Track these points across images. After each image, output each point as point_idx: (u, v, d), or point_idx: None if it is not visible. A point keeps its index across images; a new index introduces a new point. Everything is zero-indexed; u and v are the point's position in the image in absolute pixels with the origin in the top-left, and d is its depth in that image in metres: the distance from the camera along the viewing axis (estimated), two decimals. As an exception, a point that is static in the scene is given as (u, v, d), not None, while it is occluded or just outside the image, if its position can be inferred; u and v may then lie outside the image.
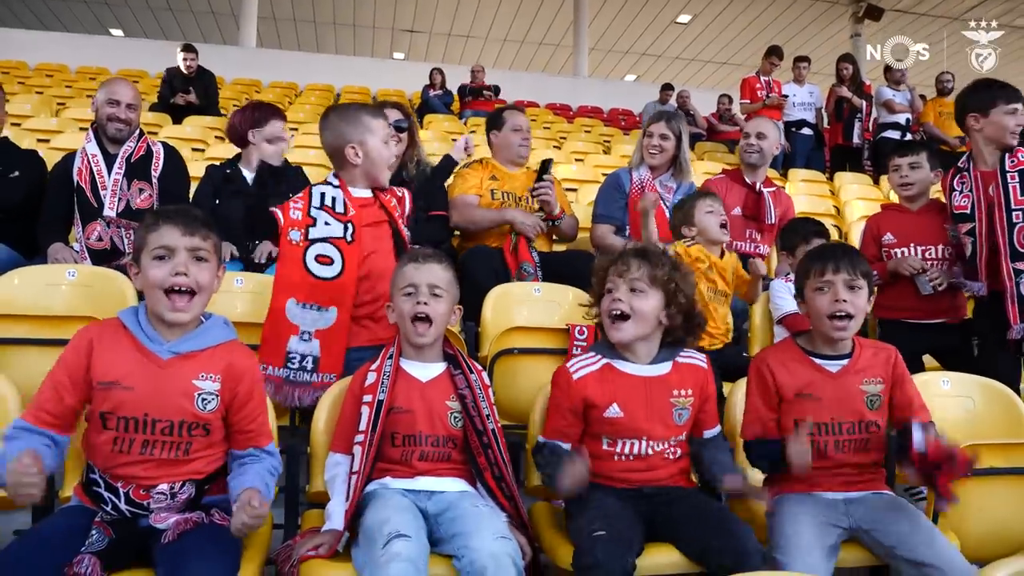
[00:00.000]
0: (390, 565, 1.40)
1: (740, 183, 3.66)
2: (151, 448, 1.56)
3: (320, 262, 2.15)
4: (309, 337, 2.13)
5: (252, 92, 10.15)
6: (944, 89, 7.76)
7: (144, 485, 1.56)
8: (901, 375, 1.91)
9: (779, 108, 7.60)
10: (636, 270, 1.84)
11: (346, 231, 2.19)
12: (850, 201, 6.04)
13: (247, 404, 1.64)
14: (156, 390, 1.55)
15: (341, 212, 2.23)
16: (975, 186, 2.85)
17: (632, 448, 1.83)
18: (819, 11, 14.42)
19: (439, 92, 9.85)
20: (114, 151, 3.12)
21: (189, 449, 1.59)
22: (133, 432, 1.54)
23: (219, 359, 1.61)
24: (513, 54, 16.84)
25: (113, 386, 1.53)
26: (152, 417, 1.54)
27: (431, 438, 1.78)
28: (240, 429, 1.64)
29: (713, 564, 1.57)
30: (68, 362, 1.55)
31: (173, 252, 1.57)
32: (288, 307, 2.13)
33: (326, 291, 2.15)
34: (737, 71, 17.76)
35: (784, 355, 1.94)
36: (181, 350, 1.59)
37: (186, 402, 1.57)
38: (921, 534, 1.68)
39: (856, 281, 1.85)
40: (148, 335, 1.59)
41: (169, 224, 1.58)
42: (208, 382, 1.59)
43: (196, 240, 1.59)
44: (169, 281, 1.55)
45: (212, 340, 1.63)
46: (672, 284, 1.85)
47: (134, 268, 1.62)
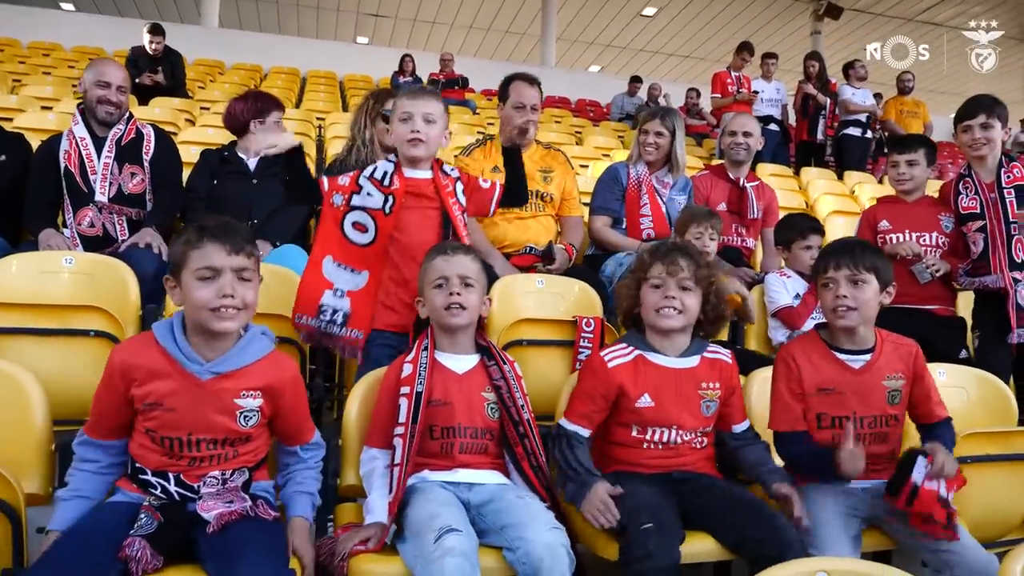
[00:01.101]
0: (444, 560, 1.42)
1: (724, 179, 3.74)
2: (199, 461, 1.58)
3: (356, 229, 2.23)
4: (342, 295, 2.22)
5: (215, 73, 9.91)
6: (905, 88, 8.01)
7: (195, 473, 1.57)
8: (921, 370, 1.97)
9: (749, 104, 7.73)
10: (686, 269, 1.91)
11: (385, 202, 2.23)
12: (820, 197, 6.21)
13: (289, 414, 1.67)
14: (197, 411, 1.55)
15: (387, 185, 2.27)
16: (980, 189, 2.98)
17: (661, 436, 1.88)
18: (781, 8, 14.72)
19: (409, 79, 9.77)
20: (102, 134, 3.03)
21: (236, 455, 1.62)
22: (179, 450, 1.56)
23: (259, 375, 1.61)
24: (479, 41, 16.76)
25: (155, 407, 1.54)
26: (196, 436, 1.55)
27: (469, 429, 1.80)
28: (285, 434, 1.70)
29: (753, 553, 1.62)
30: (106, 386, 1.57)
31: (219, 273, 1.54)
32: (325, 264, 2.23)
33: (359, 256, 2.23)
34: (700, 65, 18.06)
35: (809, 348, 2.00)
36: (221, 370, 1.57)
37: (228, 420, 1.57)
38: None
39: (859, 276, 1.92)
40: (186, 354, 1.56)
41: (214, 243, 1.54)
42: (249, 399, 1.59)
43: (241, 259, 1.56)
44: (216, 303, 1.53)
45: (252, 356, 1.61)
46: (711, 284, 1.94)
47: (171, 283, 1.59)
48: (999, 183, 2.95)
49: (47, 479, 1.70)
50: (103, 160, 2.97)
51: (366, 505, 1.74)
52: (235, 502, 1.53)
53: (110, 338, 2.25)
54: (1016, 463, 2.16)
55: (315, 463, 1.71)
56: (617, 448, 1.91)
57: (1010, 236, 2.90)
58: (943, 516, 1.72)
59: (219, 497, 1.53)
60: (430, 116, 2.23)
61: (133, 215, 2.99)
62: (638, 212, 3.45)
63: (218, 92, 7.90)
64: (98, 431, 1.58)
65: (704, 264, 1.96)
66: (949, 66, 15.86)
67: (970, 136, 3.00)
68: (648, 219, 3.45)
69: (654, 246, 2.02)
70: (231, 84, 8.69)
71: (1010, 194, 2.93)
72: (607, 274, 3.19)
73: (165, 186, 3.09)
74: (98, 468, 1.57)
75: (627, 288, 2.02)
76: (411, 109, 2.23)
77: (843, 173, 7.50)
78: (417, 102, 2.24)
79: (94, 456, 1.58)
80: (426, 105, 2.24)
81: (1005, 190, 2.94)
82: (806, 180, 6.92)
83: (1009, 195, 2.93)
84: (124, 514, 1.48)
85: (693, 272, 1.92)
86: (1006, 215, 2.92)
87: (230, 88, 8.33)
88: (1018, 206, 2.92)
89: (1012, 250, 2.90)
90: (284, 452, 1.73)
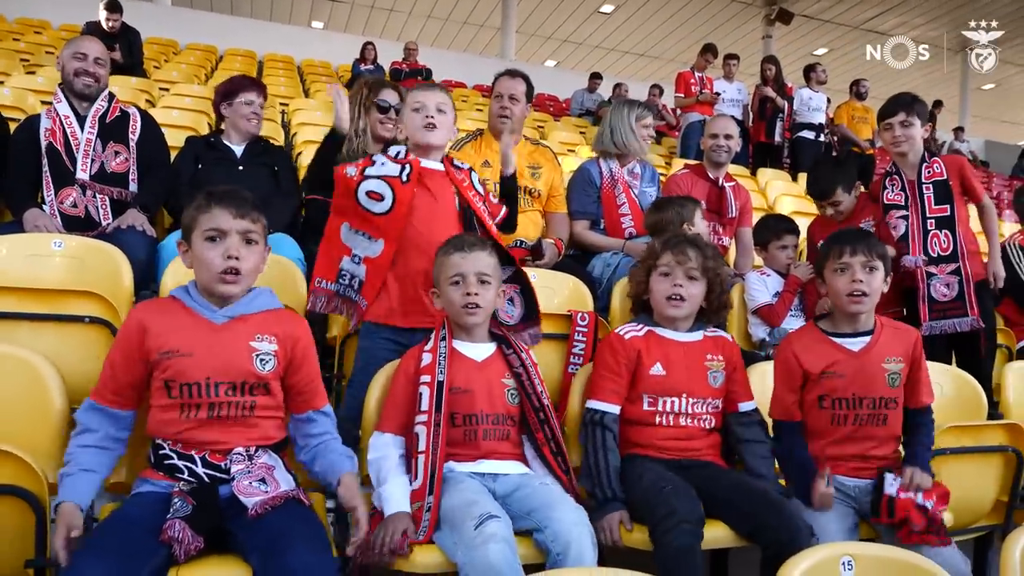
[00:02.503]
0: (489, 546, 1.45)
1: (704, 179, 3.83)
2: (218, 410, 1.58)
3: (371, 197, 2.19)
4: (359, 261, 2.23)
5: (169, 53, 9.61)
6: (860, 94, 8.30)
7: (219, 449, 1.57)
8: (919, 357, 2.08)
9: (711, 104, 7.91)
10: (694, 259, 2.03)
11: (402, 171, 2.22)
12: (779, 197, 6.41)
13: (303, 366, 1.69)
14: (214, 353, 1.59)
15: (402, 158, 2.28)
16: (905, 185, 3.12)
17: (673, 406, 1.97)
18: (734, 11, 15.04)
19: (370, 67, 9.65)
20: (83, 111, 2.97)
21: (254, 408, 1.62)
22: (197, 397, 1.56)
23: (272, 322, 1.67)
24: (437, 31, 16.63)
25: (172, 355, 1.56)
26: (214, 380, 1.57)
27: (491, 416, 1.84)
28: (298, 391, 1.70)
29: (767, 540, 1.71)
30: (120, 341, 1.61)
31: (225, 234, 1.62)
32: (343, 230, 2.24)
33: (376, 224, 2.21)
34: (655, 63, 18.32)
35: (807, 339, 2.11)
36: (234, 314, 1.64)
37: (245, 362, 1.60)
38: None
39: (873, 263, 2.03)
40: (201, 304, 1.64)
41: (221, 206, 1.63)
42: (265, 343, 1.63)
43: (247, 223, 1.65)
44: (222, 264, 1.60)
45: (263, 305, 1.70)
46: (716, 274, 2.05)
47: (183, 246, 1.67)
48: (919, 179, 3.09)
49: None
50: (85, 136, 2.91)
51: (380, 494, 1.72)
52: (268, 482, 1.52)
53: (106, 324, 2.20)
54: (986, 455, 2.31)
55: (336, 435, 1.74)
56: (631, 428, 1.98)
57: (927, 231, 3.04)
58: (921, 521, 1.83)
59: (251, 475, 1.52)
60: (442, 106, 2.29)
61: (115, 195, 2.91)
62: (617, 212, 3.50)
63: (176, 73, 7.68)
64: (106, 394, 1.57)
65: (712, 256, 2.06)
66: (888, 74, 16.52)
67: (891, 134, 3.11)
68: (628, 218, 3.50)
69: (667, 237, 2.12)
70: (188, 64, 8.44)
71: (928, 189, 3.07)
72: (596, 274, 3.25)
73: (153, 169, 3.02)
74: (98, 439, 1.54)
75: (637, 275, 2.12)
76: (424, 100, 2.28)
77: (796, 175, 7.76)
78: (429, 93, 2.31)
79: (96, 424, 1.55)
80: (437, 96, 2.30)
81: (924, 185, 3.08)
82: (763, 181, 7.12)
83: (928, 190, 3.07)
84: (156, 503, 1.47)
85: (700, 263, 2.04)
86: (924, 210, 3.06)
87: (188, 69, 8.11)
88: (935, 201, 3.05)
89: (927, 244, 3.04)
90: (300, 422, 1.72)
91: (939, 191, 3.06)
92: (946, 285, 3.00)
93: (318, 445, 1.71)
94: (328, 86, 3.28)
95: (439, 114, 2.28)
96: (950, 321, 2.99)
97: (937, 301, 3.00)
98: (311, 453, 1.72)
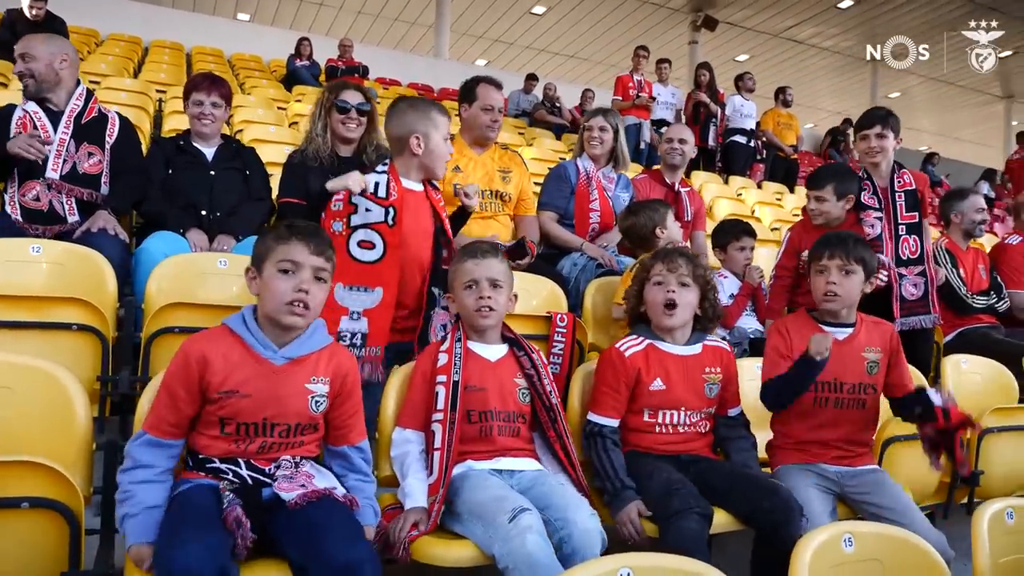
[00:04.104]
0: (526, 537, 1.52)
1: (661, 183, 4.01)
2: (268, 448, 1.60)
3: (363, 247, 2.22)
4: (358, 316, 2.21)
5: (92, 44, 9.19)
6: (786, 101, 8.72)
7: (266, 457, 1.60)
8: (897, 348, 2.28)
9: (647, 108, 8.17)
10: (684, 267, 2.13)
11: (387, 215, 2.24)
12: (715, 200, 6.69)
13: (347, 401, 1.71)
14: (273, 396, 1.59)
15: (383, 197, 2.26)
16: (877, 191, 3.37)
17: (671, 419, 2.09)
18: (662, 16, 15.49)
19: (306, 63, 9.50)
20: (56, 109, 2.92)
21: (303, 444, 1.66)
22: (252, 436, 1.58)
23: (326, 362, 1.68)
24: (367, 27, 16.43)
25: (232, 395, 1.56)
26: (271, 421, 1.59)
27: (503, 413, 1.92)
28: (337, 425, 1.71)
29: (762, 522, 1.86)
30: (182, 375, 1.56)
31: (299, 267, 1.63)
32: (336, 291, 2.19)
33: (370, 274, 2.22)
34: (584, 65, 18.65)
35: (799, 322, 2.29)
36: (293, 355, 1.64)
37: (301, 405, 1.62)
38: (900, 502, 2.05)
39: (849, 266, 2.20)
40: (260, 342, 1.63)
41: (300, 240, 1.64)
42: (320, 384, 1.65)
43: (321, 260, 1.66)
44: (291, 296, 1.61)
45: (318, 344, 1.69)
46: (708, 283, 2.16)
47: (251, 273, 1.68)
48: (892, 188, 3.36)
49: (88, 481, 1.65)
50: (59, 136, 2.86)
51: (402, 489, 1.80)
52: (307, 487, 1.55)
53: (93, 332, 2.16)
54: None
55: (370, 480, 1.74)
56: (631, 433, 2.10)
57: (898, 236, 3.31)
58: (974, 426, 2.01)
59: (292, 481, 1.55)
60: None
61: (85, 196, 2.86)
62: (587, 206, 3.65)
63: (104, 65, 7.36)
64: (164, 427, 1.54)
65: (701, 265, 2.18)
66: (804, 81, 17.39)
67: (867, 144, 3.38)
68: (596, 212, 3.65)
69: (656, 250, 2.20)
70: (115, 56, 8.10)
71: (900, 198, 3.34)
72: (565, 273, 3.36)
73: (127, 173, 2.97)
74: (155, 475, 1.52)
75: (631, 291, 2.22)
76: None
77: (728, 178, 8.11)
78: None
79: (151, 460, 1.52)
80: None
81: (897, 194, 3.34)
82: (698, 184, 7.40)
83: (900, 198, 3.34)
84: (209, 493, 1.50)
85: (691, 270, 2.15)
86: (896, 216, 3.32)
87: (115, 61, 7.80)
88: (906, 209, 3.32)
89: (899, 248, 3.30)
90: (334, 455, 1.73)
91: (909, 199, 3.33)
92: (914, 285, 3.27)
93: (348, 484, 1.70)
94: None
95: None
96: (917, 318, 3.26)
97: (906, 300, 3.26)
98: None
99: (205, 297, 2.40)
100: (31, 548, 1.44)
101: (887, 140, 3.35)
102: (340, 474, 1.70)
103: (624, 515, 1.87)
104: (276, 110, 6.69)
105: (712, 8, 14.58)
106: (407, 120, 2.36)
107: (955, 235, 4.02)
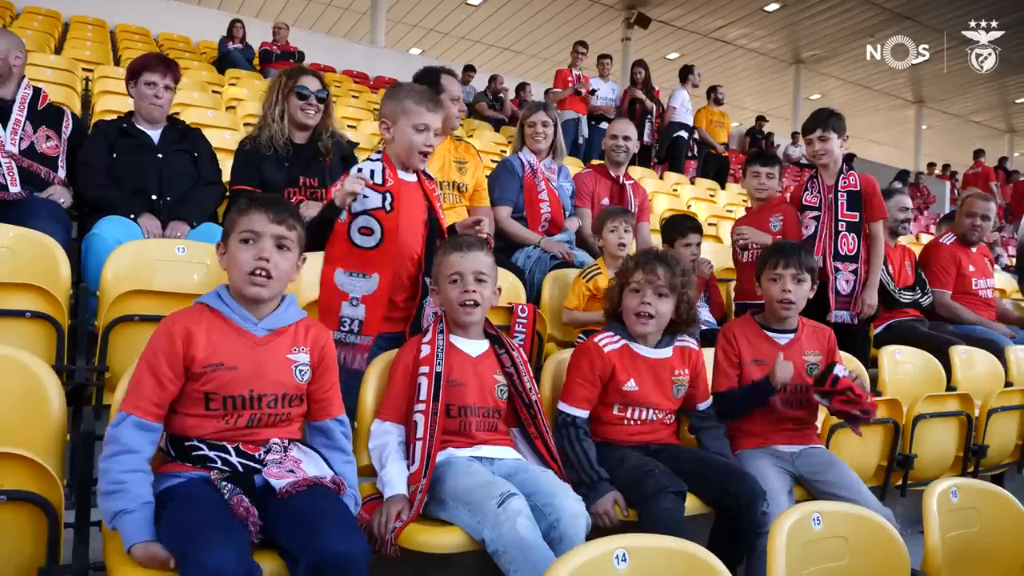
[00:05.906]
0: (517, 520, 1.55)
1: (607, 177, 4.11)
2: (258, 419, 1.59)
3: (362, 233, 2.24)
4: (357, 303, 2.24)
5: (7, 17, 8.64)
6: (718, 99, 8.98)
7: (254, 440, 1.58)
8: (834, 349, 2.45)
9: (584, 101, 8.27)
10: (662, 277, 2.14)
11: (384, 200, 2.24)
12: (654, 195, 6.84)
13: (326, 373, 1.72)
14: (258, 367, 1.59)
15: (379, 183, 2.26)
16: (822, 190, 3.55)
17: (640, 415, 2.16)
18: (596, 12, 15.66)
19: (239, 46, 9.21)
20: (8, 96, 3.00)
21: (291, 416, 1.65)
22: (240, 409, 1.57)
23: (304, 333, 1.70)
24: (300, 10, 16.00)
25: (218, 367, 1.55)
26: (257, 393, 1.58)
27: (481, 409, 1.94)
28: (318, 398, 1.71)
29: (727, 503, 1.94)
30: (167, 352, 1.54)
31: (259, 237, 1.63)
32: (336, 276, 2.24)
33: (369, 259, 2.24)
34: (518, 58, 18.69)
35: (745, 328, 2.41)
36: (274, 327, 1.64)
37: (286, 376, 1.62)
38: (850, 480, 2.18)
39: (801, 275, 2.34)
40: (240, 315, 1.63)
41: (259, 210, 1.64)
42: (301, 354, 1.66)
43: (282, 229, 1.65)
44: (252, 265, 1.61)
45: (294, 316, 1.70)
46: (684, 290, 2.18)
47: (221, 248, 1.68)
48: (836, 187, 3.54)
49: (62, 473, 1.59)
50: (14, 117, 2.94)
51: (380, 478, 1.80)
52: (296, 473, 1.54)
53: (48, 320, 2.07)
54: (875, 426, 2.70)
55: (351, 461, 1.75)
56: (600, 425, 2.15)
57: (838, 232, 3.49)
58: (860, 393, 2.16)
59: (281, 467, 1.54)
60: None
61: (43, 174, 2.92)
62: (537, 199, 3.73)
63: (23, 41, 6.93)
64: (149, 407, 1.50)
65: (680, 273, 2.18)
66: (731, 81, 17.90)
67: (812, 148, 3.59)
68: (546, 204, 3.75)
69: (639, 254, 2.24)
70: (34, 31, 7.66)
71: (843, 197, 3.52)
72: (520, 264, 3.42)
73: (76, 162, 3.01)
74: (142, 463, 1.47)
75: (612, 292, 2.26)
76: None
77: (663, 173, 8.30)
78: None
79: (137, 444, 1.46)
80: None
81: (840, 193, 3.53)
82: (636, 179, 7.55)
83: (842, 197, 3.52)
84: (202, 489, 1.47)
85: (668, 280, 2.15)
86: (837, 214, 3.51)
87: (36, 36, 7.37)
88: (847, 208, 3.51)
89: (838, 244, 3.48)
90: (316, 431, 1.73)
91: (851, 199, 3.51)
92: (846, 281, 3.46)
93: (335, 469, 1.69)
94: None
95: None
96: (846, 312, 3.46)
97: (840, 294, 3.44)
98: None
99: (164, 285, 2.33)
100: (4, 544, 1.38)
101: (830, 142, 3.53)
102: (324, 455, 1.70)
103: (600, 506, 1.91)
104: (211, 93, 6.48)
105: (645, 6, 14.85)
106: (383, 105, 2.36)
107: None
